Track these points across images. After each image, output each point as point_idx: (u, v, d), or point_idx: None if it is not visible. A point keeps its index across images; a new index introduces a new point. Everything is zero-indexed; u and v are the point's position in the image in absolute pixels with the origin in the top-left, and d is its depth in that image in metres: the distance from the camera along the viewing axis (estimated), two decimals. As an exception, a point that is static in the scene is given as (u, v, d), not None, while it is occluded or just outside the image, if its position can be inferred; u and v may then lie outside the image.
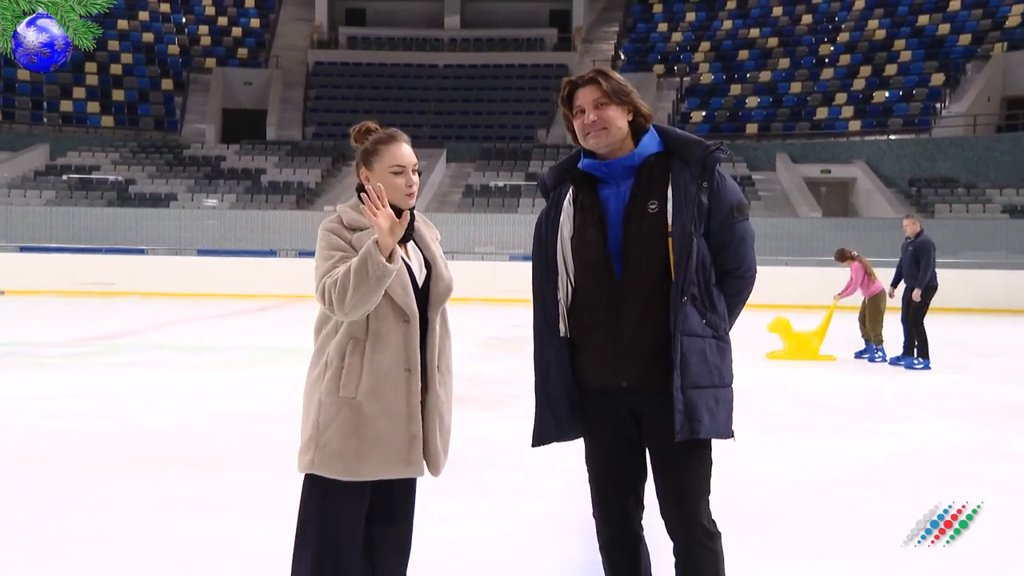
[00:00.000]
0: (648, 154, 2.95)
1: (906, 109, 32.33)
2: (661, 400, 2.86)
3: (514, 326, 15.38)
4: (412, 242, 3.17)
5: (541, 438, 3.07)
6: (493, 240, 25.33)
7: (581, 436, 3.07)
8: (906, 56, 34.25)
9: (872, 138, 32.05)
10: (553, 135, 34.82)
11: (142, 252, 24.92)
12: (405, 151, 3.09)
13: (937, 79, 32.66)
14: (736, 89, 35.23)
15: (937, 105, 32.11)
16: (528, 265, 3.16)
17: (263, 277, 23.41)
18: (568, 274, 2.99)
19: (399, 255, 3.01)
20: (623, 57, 38.00)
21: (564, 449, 3.40)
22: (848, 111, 33.10)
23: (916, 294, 11.53)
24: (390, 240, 2.92)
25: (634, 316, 2.89)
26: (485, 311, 18.91)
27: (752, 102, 34.55)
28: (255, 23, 40.83)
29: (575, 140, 3.01)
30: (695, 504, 2.92)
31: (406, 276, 3.05)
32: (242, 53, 39.28)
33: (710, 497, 2.97)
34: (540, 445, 3.08)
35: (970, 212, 26.98)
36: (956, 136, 30.76)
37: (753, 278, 3.00)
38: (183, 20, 40.16)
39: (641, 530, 3.06)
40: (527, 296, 3.17)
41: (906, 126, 32.01)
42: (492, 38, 39.95)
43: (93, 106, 35.38)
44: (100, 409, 8.14)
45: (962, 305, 21.76)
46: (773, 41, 36.97)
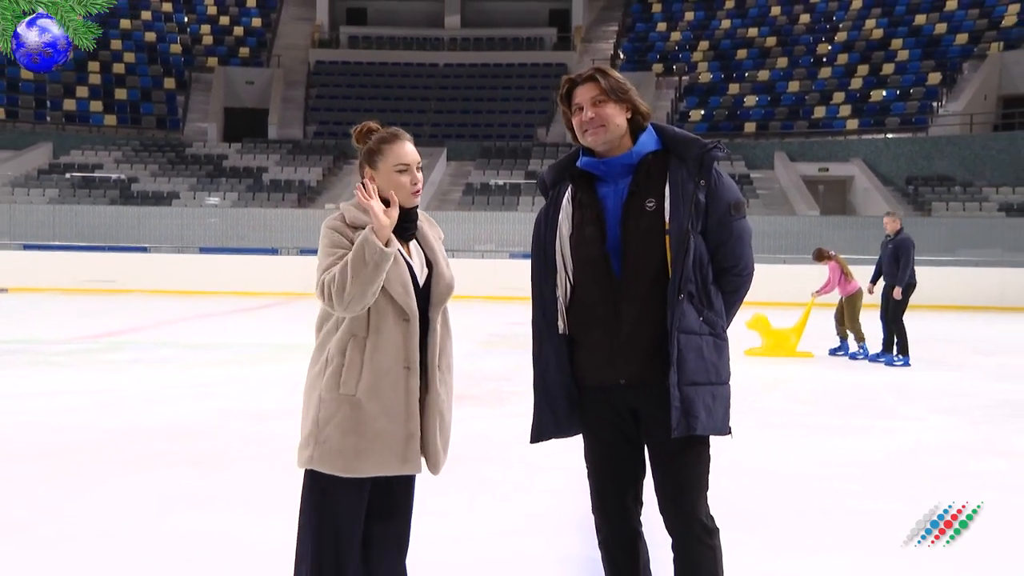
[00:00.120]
0: (646, 152, 2.96)
1: (903, 108, 32.36)
2: (659, 397, 2.87)
3: (514, 323, 15.36)
4: (415, 241, 3.16)
5: (540, 434, 3.08)
6: (493, 238, 25.31)
7: (580, 432, 3.08)
8: (903, 55, 34.29)
9: (869, 137, 32.08)
10: (553, 134, 34.83)
11: (144, 250, 24.91)
12: (409, 149, 3.08)
13: (934, 78, 32.70)
14: (734, 88, 35.26)
15: (934, 104, 32.14)
16: (528, 263, 3.17)
17: (265, 275, 23.40)
18: (567, 272, 3.00)
19: (396, 244, 3.02)
20: (622, 56, 38.01)
21: (563, 446, 3.42)
22: (846, 110, 33.13)
23: (897, 292, 11.46)
24: (386, 222, 2.94)
25: (632, 313, 2.90)
26: (485, 309, 18.87)
27: (750, 101, 34.58)
28: (257, 22, 40.79)
29: (574, 138, 3.02)
30: (693, 500, 2.93)
31: (406, 275, 3.04)
32: (244, 52, 39.24)
33: (708, 493, 2.98)
34: (538, 441, 3.10)
35: (967, 210, 27.00)
36: (953, 135, 30.78)
37: (751, 276, 3.01)
38: (185, 19, 40.17)
39: (640, 526, 3.07)
40: (527, 294, 3.18)
41: (903, 125, 32.03)
42: (492, 37, 39.94)
43: (96, 105, 35.35)
44: (103, 406, 8.13)
45: (959, 303, 21.85)
46: (771, 40, 36.98)
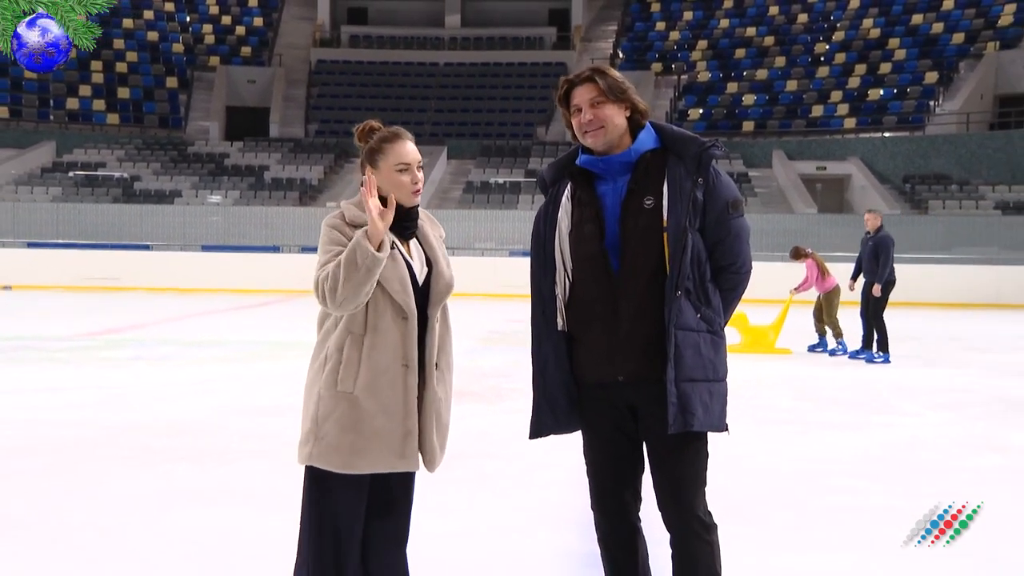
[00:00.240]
0: (645, 150, 2.97)
1: (900, 107, 32.48)
2: (657, 393, 2.89)
3: (513, 321, 15.43)
4: (415, 239, 3.17)
5: (539, 431, 3.10)
6: (493, 236, 25.43)
7: (579, 429, 3.10)
8: (900, 55, 34.41)
9: (867, 135, 32.21)
10: (552, 132, 34.95)
11: (147, 248, 25.02)
12: (410, 148, 3.08)
13: (931, 77, 32.82)
14: (733, 87, 35.39)
15: (931, 103, 32.25)
16: (527, 260, 3.19)
17: (266, 273, 23.47)
18: (566, 269, 3.01)
19: (388, 245, 3.03)
20: (621, 55, 38.12)
21: (563, 442, 3.44)
22: (843, 109, 33.25)
23: (876, 289, 11.55)
24: (380, 226, 2.93)
25: (630, 310, 2.91)
26: (485, 306, 18.93)
27: (749, 100, 34.70)
28: (258, 22, 40.90)
29: (574, 137, 3.03)
30: (691, 496, 2.95)
31: (405, 273, 3.05)
32: (246, 51, 39.34)
33: (706, 489, 3.00)
34: (537, 437, 3.12)
35: (963, 208, 27.15)
36: (949, 133, 30.90)
37: (748, 273, 3.02)
38: (187, 19, 40.28)
39: (639, 522, 3.09)
40: (526, 291, 3.19)
41: (900, 124, 32.14)
42: (492, 36, 40.06)
43: (99, 104, 35.46)
44: (105, 402, 8.16)
45: (955, 300, 22.00)
46: (769, 40, 37.08)
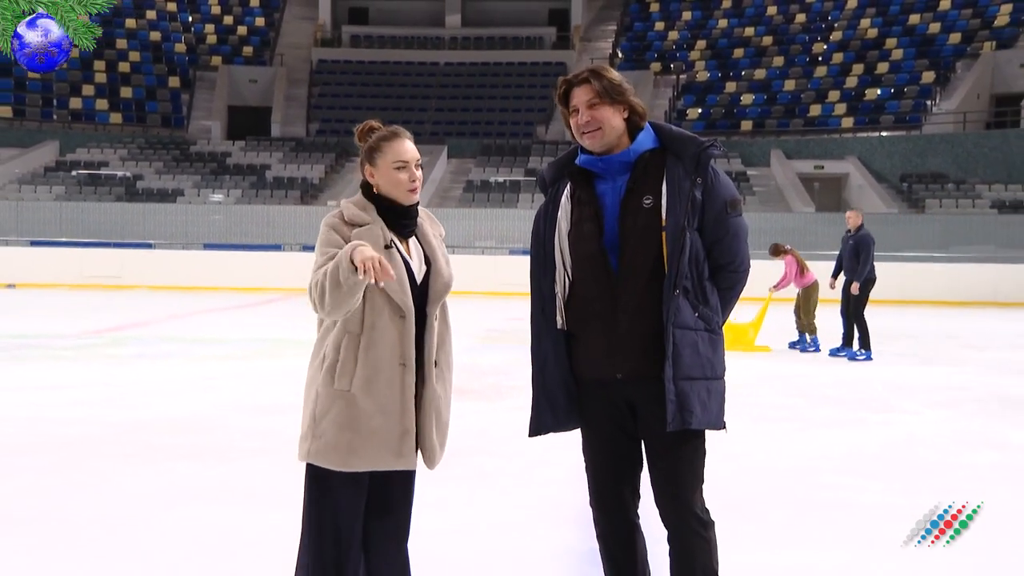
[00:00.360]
0: (643, 150, 2.98)
1: (897, 106, 32.61)
2: (655, 391, 2.90)
3: (513, 319, 15.49)
4: (414, 238, 3.18)
5: (538, 429, 3.11)
6: (493, 234, 25.53)
7: (578, 426, 3.11)
8: (897, 54, 34.55)
9: (864, 135, 32.34)
10: (552, 131, 35.10)
11: (149, 246, 25.12)
12: (408, 147, 3.09)
13: (928, 77, 32.95)
14: (731, 86, 35.53)
15: (928, 102, 32.40)
16: (527, 259, 3.20)
17: (268, 271, 23.53)
18: (565, 267, 3.02)
19: (377, 248, 3.04)
20: (620, 55, 38.25)
21: (562, 439, 3.46)
22: (841, 108, 33.37)
23: (855, 287, 11.66)
24: (370, 253, 2.89)
25: (629, 309, 2.92)
26: (485, 304, 19.04)
27: (747, 99, 34.83)
28: (260, 22, 41.02)
29: (574, 137, 3.04)
30: (688, 493, 2.97)
31: (403, 273, 3.05)
32: (247, 51, 39.46)
33: (704, 486, 3.03)
34: (537, 435, 3.14)
35: (960, 207, 27.29)
36: (946, 133, 31.00)
37: (746, 272, 3.04)
38: (189, 19, 40.41)
39: (637, 518, 3.11)
40: (526, 289, 3.22)
41: (897, 123, 32.26)
42: (492, 36, 40.15)
43: (102, 103, 35.60)
44: (108, 400, 8.18)
45: (952, 298, 22.16)
46: (768, 39, 37.21)
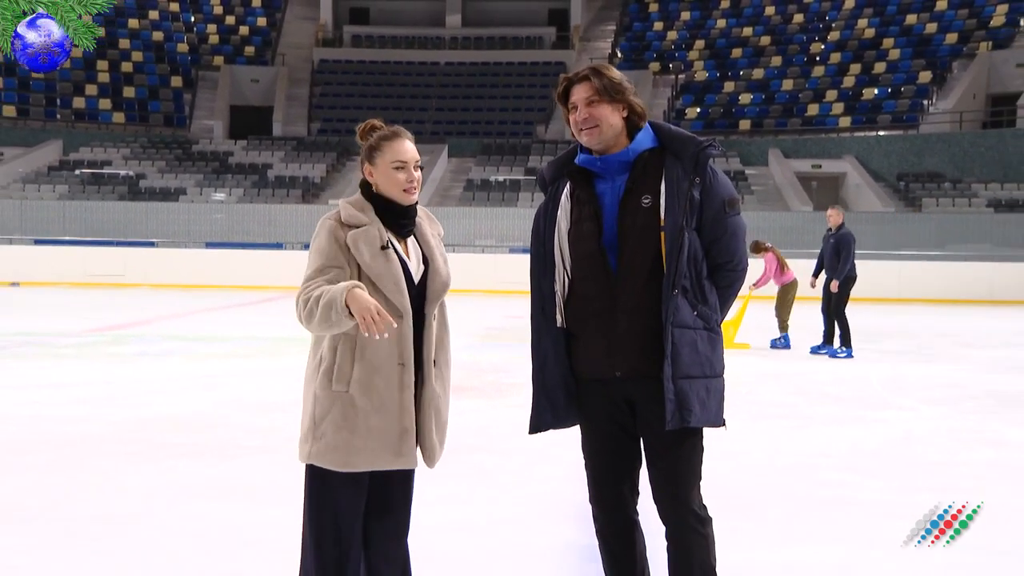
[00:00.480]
0: (642, 150, 2.99)
1: (894, 106, 32.76)
2: (654, 389, 2.91)
3: (513, 317, 15.59)
4: (412, 237, 3.17)
5: (538, 426, 3.13)
6: (493, 233, 25.68)
7: (577, 424, 3.12)
8: (894, 54, 34.69)
9: (862, 134, 32.51)
10: (552, 131, 35.25)
11: (152, 245, 25.29)
12: (407, 147, 3.09)
13: (924, 77, 33.10)
14: (730, 86, 35.68)
15: (924, 102, 32.54)
16: (527, 258, 3.20)
17: (269, 269, 23.57)
18: (565, 266, 3.03)
19: (374, 244, 3.05)
20: (619, 55, 38.37)
21: (561, 437, 3.50)
22: (838, 108, 33.52)
23: (834, 285, 11.80)
24: (367, 305, 2.87)
25: (628, 307, 2.93)
26: (485, 302, 19.14)
27: (745, 99, 34.98)
28: (262, 22, 41.18)
29: (574, 134, 3.04)
30: (686, 490, 2.98)
31: (399, 273, 3.05)
32: (249, 51, 39.62)
33: (702, 483, 3.04)
34: (536, 432, 3.15)
35: (956, 206, 27.45)
36: (943, 132, 31.14)
37: (744, 271, 3.05)
38: (192, 19, 40.57)
39: (636, 515, 3.12)
40: (526, 288, 3.22)
41: (894, 122, 32.40)
42: (492, 36, 40.28)
43: (105, 103, 35.83)
44: (110, 398, 8.20)
45: (948, 296, 22.27)
46: (766, 39, 37.34)
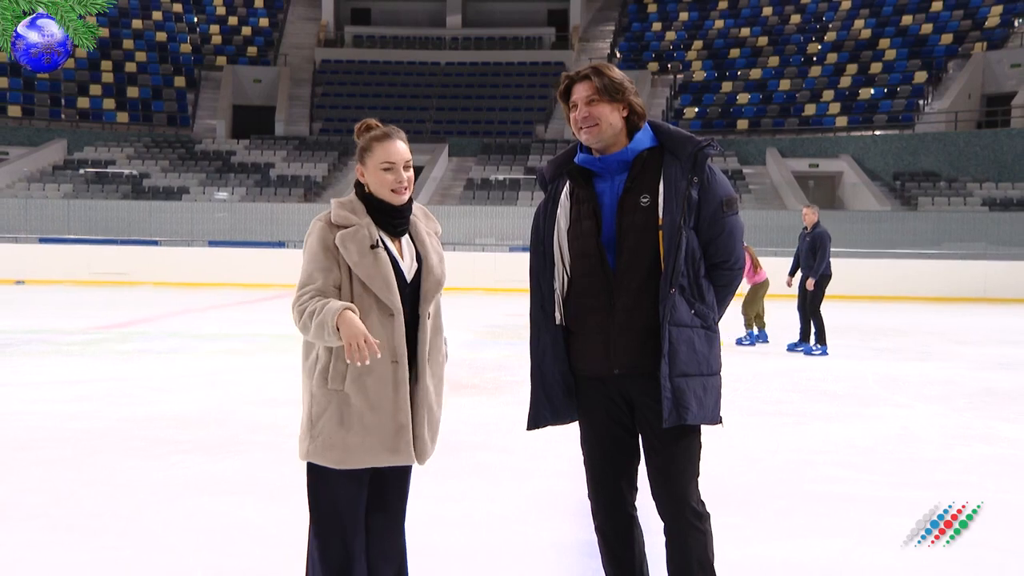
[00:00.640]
0: (641, 149, 3.00)
1: (890, 106, 32.96)
2: (651, 387, 2.94)
3: (512, 314, 15.67)
4: (407, 236, 3.17)
5: (536, 422, 3.15)
6: (493, 232, 25.80)
7: (575, 420, 3.15)
8: (890, 55, 34.91)
9: (858, 133, 32.68)
10: (551, 130, 35.12)
11: (155, 243, 25.44)
12: (397, 148, 3.07)
13: (920, 77, 33.31)
14: (727, 86, 35.89)
15: (920, 102, 32.74)
16: (526, 256, 3.21)
17: (272, 267, 23.70)
18: (564, 264, 3.05)
19: (366, 243, 3.08)
20: (618, 55, 38.53)
21: (560, 433, 3.51)
22: (835, 107, 33.73)
23: (810, 283, 11.94)
24: (356, 333, 2.87)
25: (626, 305, 2.95)
26: (485, 300, 19.25)
27: (743, 99, 35.19)
28: (264, 22, 41.41)
29: (574, 132, 3.06)
30: (684, 486, 3.00)
31: (389, 272, 3.05)
32: (252, 51, 39.85)
33: (700, 479, 3.06)
34: (535, 428, 3.18)
35: (952, 205, 27.64)
36: (938, 132, 31.32)
37: (742, 270, 3.08)
38: (195, 20, 40.78)
39: (635, 511, 3.13)
40: (525, 286, 3.23)
41: (890, 122, 32.61)
42: (492, 37, 40.48)
43: (109, 103, 36.01)
44: (115, 395, 8.25)
45: (943, 294, 22.50)
46: (763, 40, 37.56)
